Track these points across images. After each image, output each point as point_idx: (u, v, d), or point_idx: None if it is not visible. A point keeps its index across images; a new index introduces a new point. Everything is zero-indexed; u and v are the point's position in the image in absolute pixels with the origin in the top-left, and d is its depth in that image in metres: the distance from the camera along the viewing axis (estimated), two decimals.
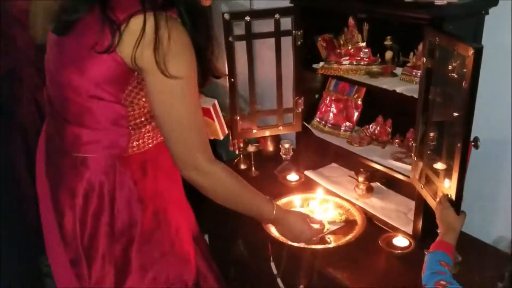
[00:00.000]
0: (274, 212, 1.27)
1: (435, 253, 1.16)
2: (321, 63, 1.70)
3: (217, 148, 2.68)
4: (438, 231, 1.25)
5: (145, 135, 1.18)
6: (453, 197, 1.20)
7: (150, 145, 1.19)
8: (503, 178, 1.45)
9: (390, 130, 1.66)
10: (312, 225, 1.40)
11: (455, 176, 1.17)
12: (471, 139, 1.16)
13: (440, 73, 1.22)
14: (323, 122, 1.79)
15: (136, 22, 1.00)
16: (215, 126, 1.52)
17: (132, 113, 1.13)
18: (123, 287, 1.19)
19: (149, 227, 1.20)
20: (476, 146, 1.22)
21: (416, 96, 1.35)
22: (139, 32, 1.00)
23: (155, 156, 1.20)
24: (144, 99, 1.13)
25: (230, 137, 1.87)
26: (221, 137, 1.58)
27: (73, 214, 1.15)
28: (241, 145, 1.94)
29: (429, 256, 1.16)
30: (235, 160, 2.05)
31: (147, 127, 1.17)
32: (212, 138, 1.58)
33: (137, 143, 1.17)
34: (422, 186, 1.36)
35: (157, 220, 1.22)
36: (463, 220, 1.24)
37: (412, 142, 1.52)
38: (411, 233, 1.49)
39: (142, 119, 1.15)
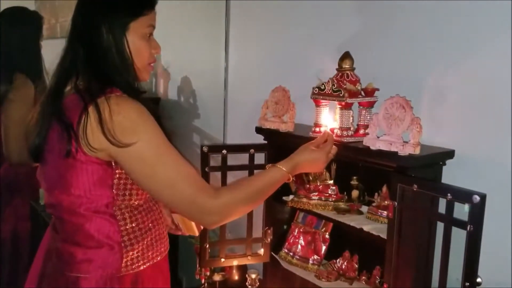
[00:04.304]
0: (283, 169, 1.25)
1: None
2: (291, 196, 1.78)
3: (178, 272, 2.61)
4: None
5: (136, 251, 1.17)
6: None
7: (144, 266, 1.18)
8: None
9: (357, 266, 1.70)
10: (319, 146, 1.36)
11: None
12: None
13: (412, 215, 1.33)
14: (291, 254, 1.81)
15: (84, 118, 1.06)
16: (190, 223, 1.43)
17: (123, 222, 1.14)
18: None
19: None
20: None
21: (382, 236, 1.42)
22: (89, 124, 1.05)
23: (148, 277, 1.19)
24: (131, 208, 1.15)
25: (197, 265, 1.84)
26: (197, 233, 1.48)
27: None
28: (208, 273, 1.91)
29: None
30: None
31: (140, 243, 1.17)
32: (187, 234, 1.50)
33: (130, 262, 1.16)
34: None
35: None
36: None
37: (379, 280, 1.57)
38: None
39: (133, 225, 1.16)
